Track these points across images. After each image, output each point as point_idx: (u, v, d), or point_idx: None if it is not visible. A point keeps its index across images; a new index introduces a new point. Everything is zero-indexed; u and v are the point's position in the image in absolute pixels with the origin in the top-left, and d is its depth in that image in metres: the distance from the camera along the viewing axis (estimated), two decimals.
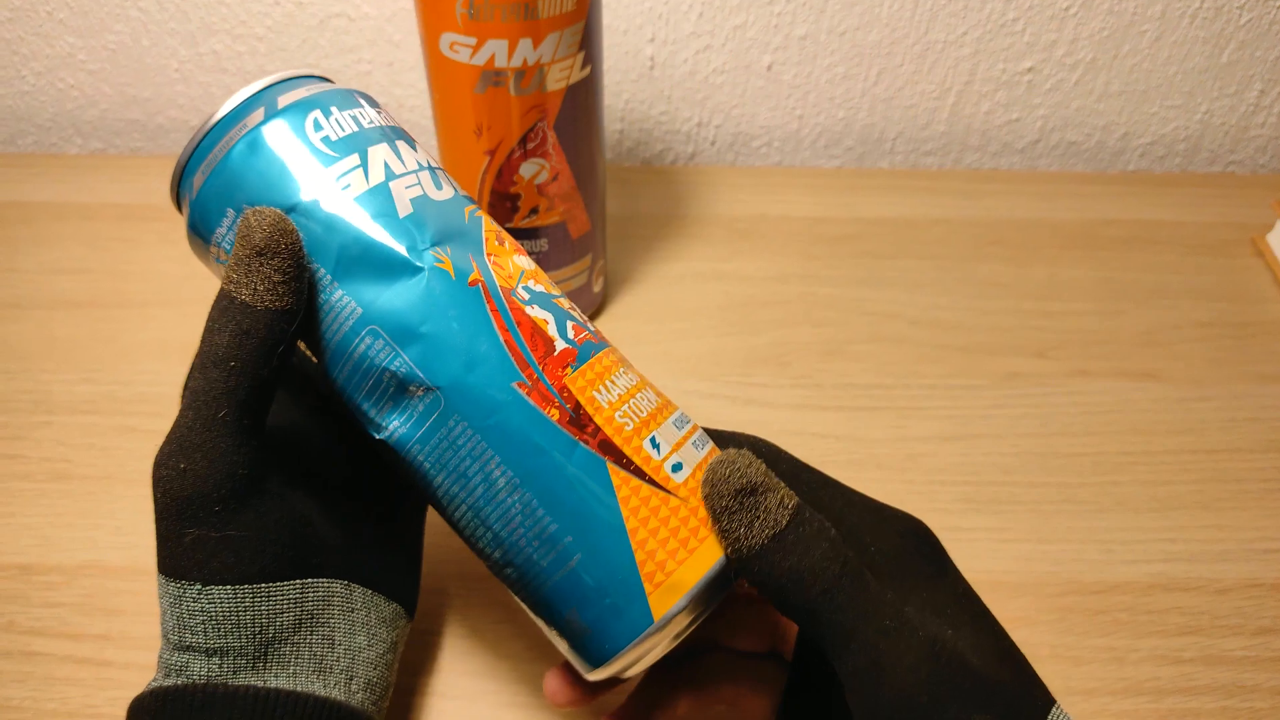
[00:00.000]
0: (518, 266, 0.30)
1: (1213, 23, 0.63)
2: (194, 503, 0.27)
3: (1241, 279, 0.58)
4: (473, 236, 0.30)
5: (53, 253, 0.58)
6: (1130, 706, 0.37)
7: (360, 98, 0.31)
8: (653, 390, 0.30)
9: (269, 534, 0.28)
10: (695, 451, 0.29)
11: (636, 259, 0.59)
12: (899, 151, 0.71)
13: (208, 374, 0.27)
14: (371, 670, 0.31)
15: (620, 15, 0.63)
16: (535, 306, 0.29)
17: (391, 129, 0.31)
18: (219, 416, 0.27)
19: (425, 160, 0.31)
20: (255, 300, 0.27)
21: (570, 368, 0.28)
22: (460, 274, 0.28)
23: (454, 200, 0.30)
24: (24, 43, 0.65)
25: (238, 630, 0.28)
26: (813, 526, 0.26)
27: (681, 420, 0.30)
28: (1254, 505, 0.45)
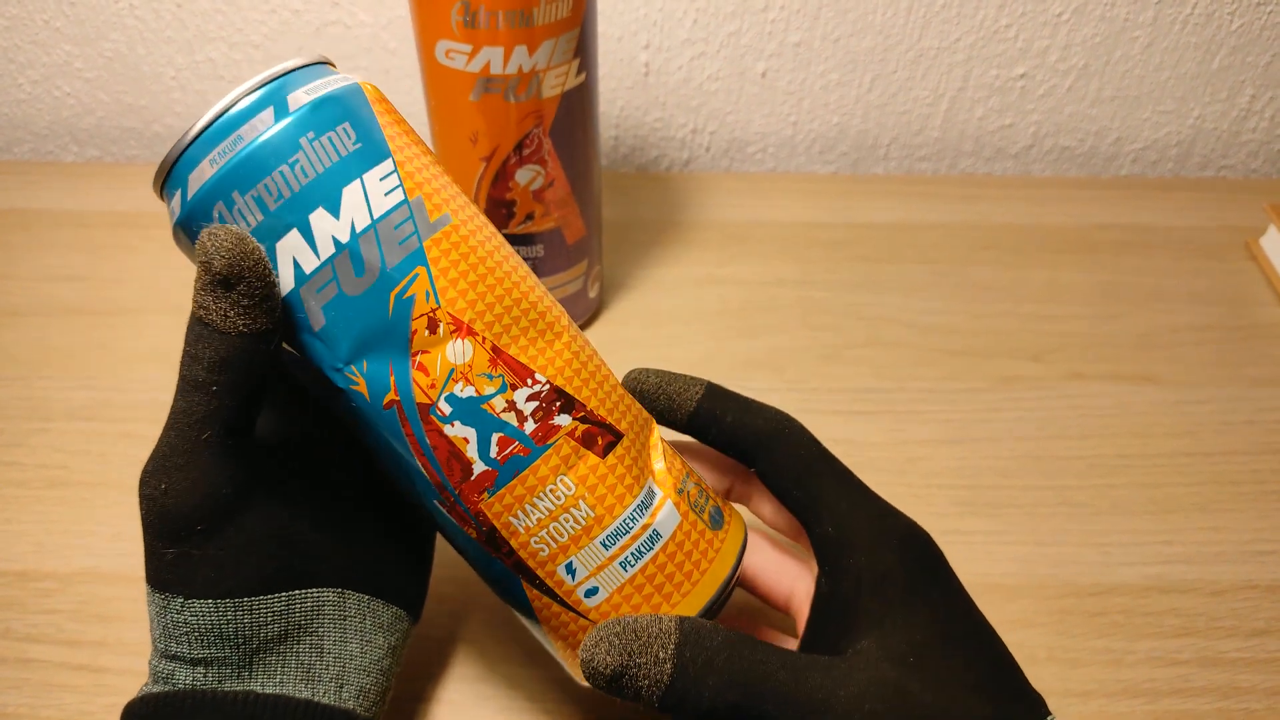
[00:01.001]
0: (448, 363, 0.27)
1: (1204, 28, 0.64)
2: (176, 521, 0.27)
3: (1235, 282, 0.58)
4: (397, 334, 0.27)
5: (49, 260, 0.58)
6: (1127, 708, 0.38)
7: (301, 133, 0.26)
8: (598, 495, 0.28)
9: (253, 550, 0.28)
10: (621, 572, 0.28)
11: (632, 265, 0.59)
12: (893, 157, 0.71)
13: (189, 397, 0.27)
14: (364, 677, 0.30)
15: (615, 22, 0.63)
16: (456, 423, 0.27)
17: (325, 176, 0.26)
18: (202, 439, 0.27)
19: (368, 214, 0.27)
20: (228, 326, 0.26)
21: (487, 492, 0.27)
22: (375, 395, 0.27)
23: (378, 284, 0.26)
24: (21, 51, 0.65)
25: (221, 642, 0.28)
26: (698, 665, 0.26)
27: (622, 528, 0.28)
28: (1250, 507, 0.45)
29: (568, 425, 0.28)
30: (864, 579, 0.29)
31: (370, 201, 0.27)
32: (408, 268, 0.27)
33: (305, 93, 0.27)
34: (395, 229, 0.27)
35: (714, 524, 0.30)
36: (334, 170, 0.26)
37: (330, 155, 0.26)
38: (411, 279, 0.27)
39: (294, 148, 0.26)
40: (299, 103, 0.27)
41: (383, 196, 0.27)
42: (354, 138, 0.27)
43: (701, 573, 0.29)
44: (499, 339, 0.27)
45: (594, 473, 0.28)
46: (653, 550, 0.28)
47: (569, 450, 0.28)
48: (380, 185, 0.27)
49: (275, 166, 0.26)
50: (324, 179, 0.26)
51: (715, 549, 0.29)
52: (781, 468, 0.31)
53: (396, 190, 0.27)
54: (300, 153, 0.26)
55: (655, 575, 0.28)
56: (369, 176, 0.27)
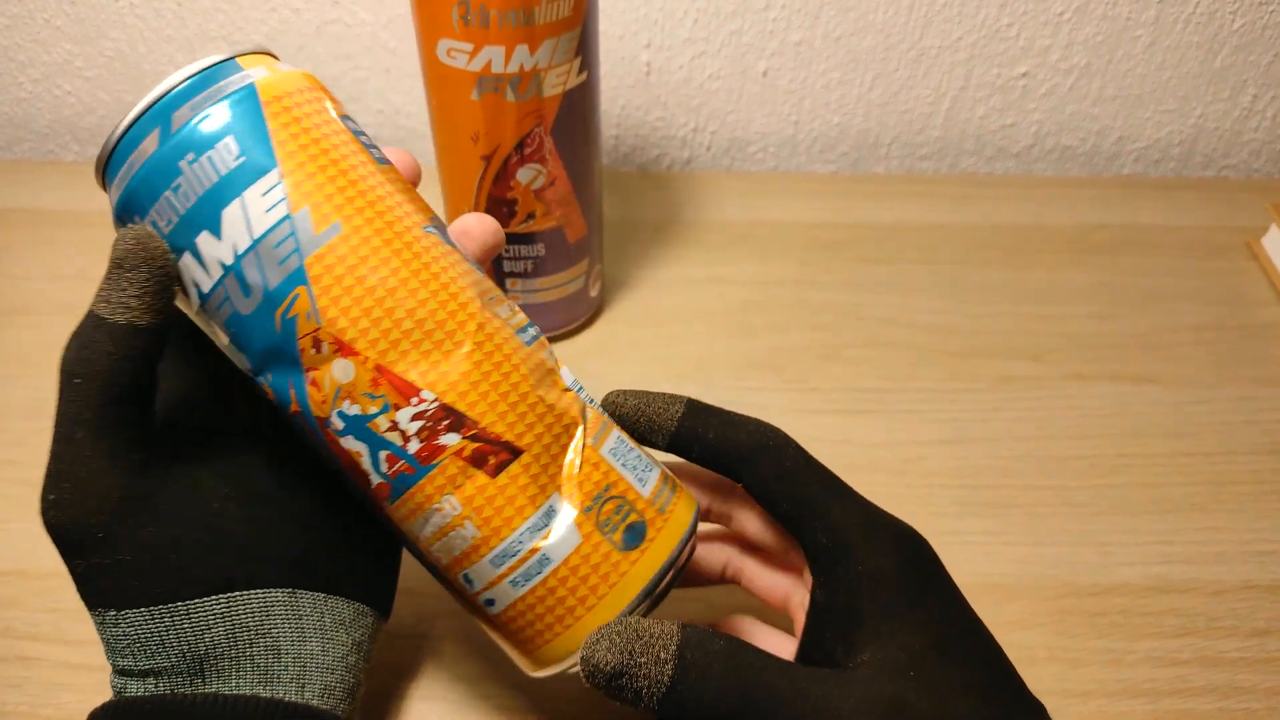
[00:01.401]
0: (334, 381, 0.27)
1: (1206, 28, 0.64)
2: (74, 533, 0.26)
3: (1237, 282, 0.58)
4: (289, 351, 0.27)
5: (50, 259, 0.58)
6: (1127, 708, 0.38)
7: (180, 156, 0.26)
8: (485, 516, 0.27)
9: (174, 552, 0.27)
10: (511, 590, 0.28)
11: (633, 264, 0.59)
12: (894, 156, 0.71)
13: (62, 395, 0.26)
14: (328, 675, 0.30)
15: (616, 21, 0.63)
16: (349, 438, 0.27)
17: (206, 198, 0.26)
18: (76, 438, 0.26)
19: (248, 234, 0.26)
20: (106, 312, 0.26)
21: (387, 501, 0.28)
22: (282, 405, 0.28)
23: (264, 304, 0.26)
24: (21, 50, 0.65)
25: (164, 650, 0.27)
26: (699, 667, 0.26)
27: (510, 550, 0.27)
28: (1250, 508, 0.45)
29: (455, 444, 0.27)
30: (859, 588, 0.28)
31: (250, 221, 0.26)
32: (289, 288, 0.26)
33: (190, 109, 0.26)
34: (275, 248, 0.26)
35: (626, 544, 0.28)
36: (214, 191, 0.26)
37: (210, 175, 0.26)
38: (293, 299, 0.26)
39: (175, 172, 0.26)
40: (181, 121, 0.26)
41: (263, 214, 0.26)
42: (235, 153, 0.26)
43: (599, 597, 0.28)
44: (384, 356, 0.26)
45: (482, 493, 0.27)
46: (542, 573, 0.27)
47: (455, 470, 0.27)
48: (262, 201, 0.26)
49: (161, 192, 0.26)
50: (204, 201, 0.26)
51: (620, 572, 0.28)
52: (768, 480, 0.31)
53: (279, 205, 0.26)
54: (181, 176, 0.26)
55: (546, 597, 0.28)
56: (250, 193, 0.26)
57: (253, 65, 0.28)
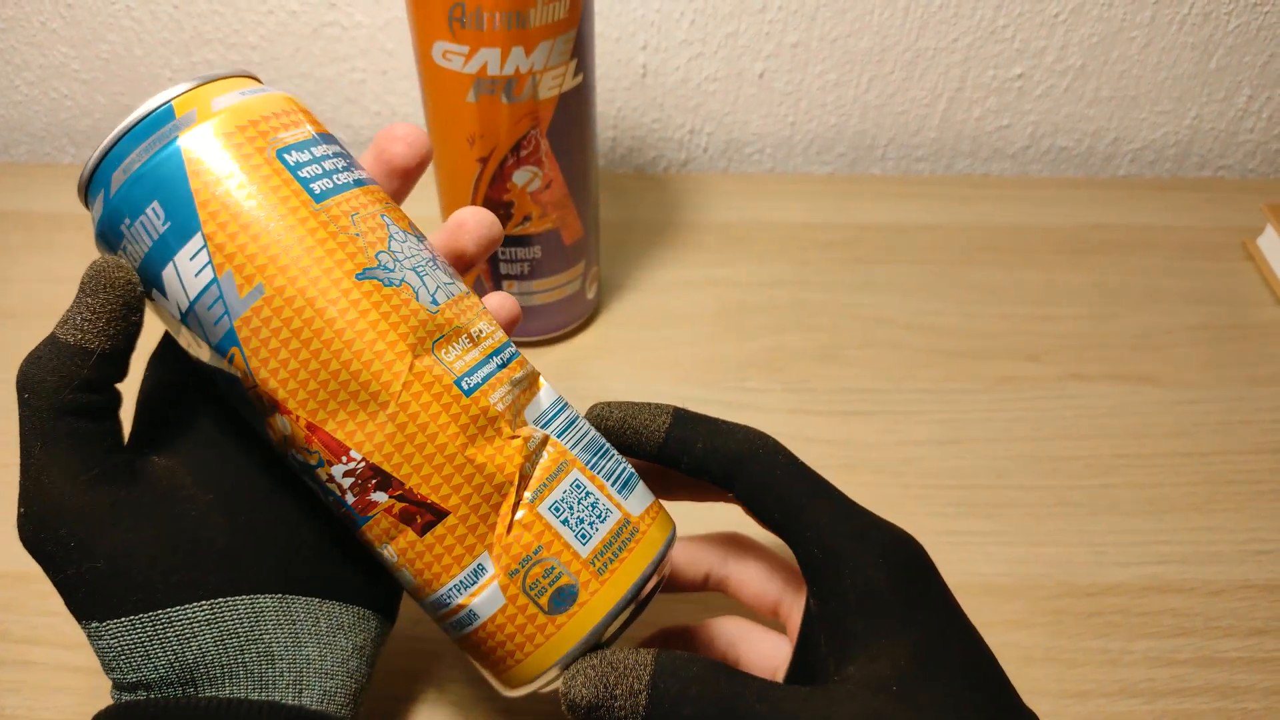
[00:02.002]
0: (279, 432, 0.28)
1: (1201, 29, 0.64)
2: (46, 545, 0.27)
3: (1232, 282, 0.58)
4: (243, 399, 0.28)
5: (48, 262, 0.58)
6: (1125, 708, 0.38)
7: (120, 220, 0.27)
8: (417, 569, 0.28)
9: (146, 559, 0.27)
10: (451, 632, 0.29)
11: (630, 266, 0.59)
12: (891, 158, 0.71)
13: (19, 410, 0.27)
14: (328, 680, 0.30)
15: (612, 23, 0.63)
16: (305, 478, 0.29)
17: (146, 263, 0.27)
18: (34, 453, 0.27)
19: (185, 296, 0.27)
20: (61, 331, 0.27)
21: (350, 530, 0.29)
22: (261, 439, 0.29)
23: (213, 356, 0.27)
24: (17, 52, 0.65)
25: (149, 661, 0.27)
26: (672, 694, 0.26)
27: (441, 601, 0.28)
28: (1247, 507, 0.45)
29: (384, 502, 0.27)
30: (850, 600, 0.28)
31: (184, 285, 0.26)
32: (226, 346, 0.27)
33: (123, 170, 0.27)
34: (209, 310, 0.27)
35: (553, 608, 0.28)
36: (151, 254, 0.27)
37: (146, 239, 0.26)
38: (230, 358, 0.27)
39: (118, 235, 0.27)
40: (117, 184, 0.27)
41: (193, 277, 0.26)
42: (162, 217, 0.26)
43: (525, 654, 0.28)
44: (314, 415, 0.27)
45: (412, 548, 0.28)
46: (471, 626, 0.28)
47: (388, 524, 0.28)
48: (190, 265, 0.26)
49: (115, 249, 0.27)
50: (147, 264, 0.27)
51: (546, 634, 0.28)
52: (759, 490, 0.30)
53: (205, 269, 0.26)
54: (124, 240, 0.27)
55: (478, 646, 0.29)
56: (180, 257, 0.26)
57: (192, 105, 0.27)
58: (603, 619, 0.28)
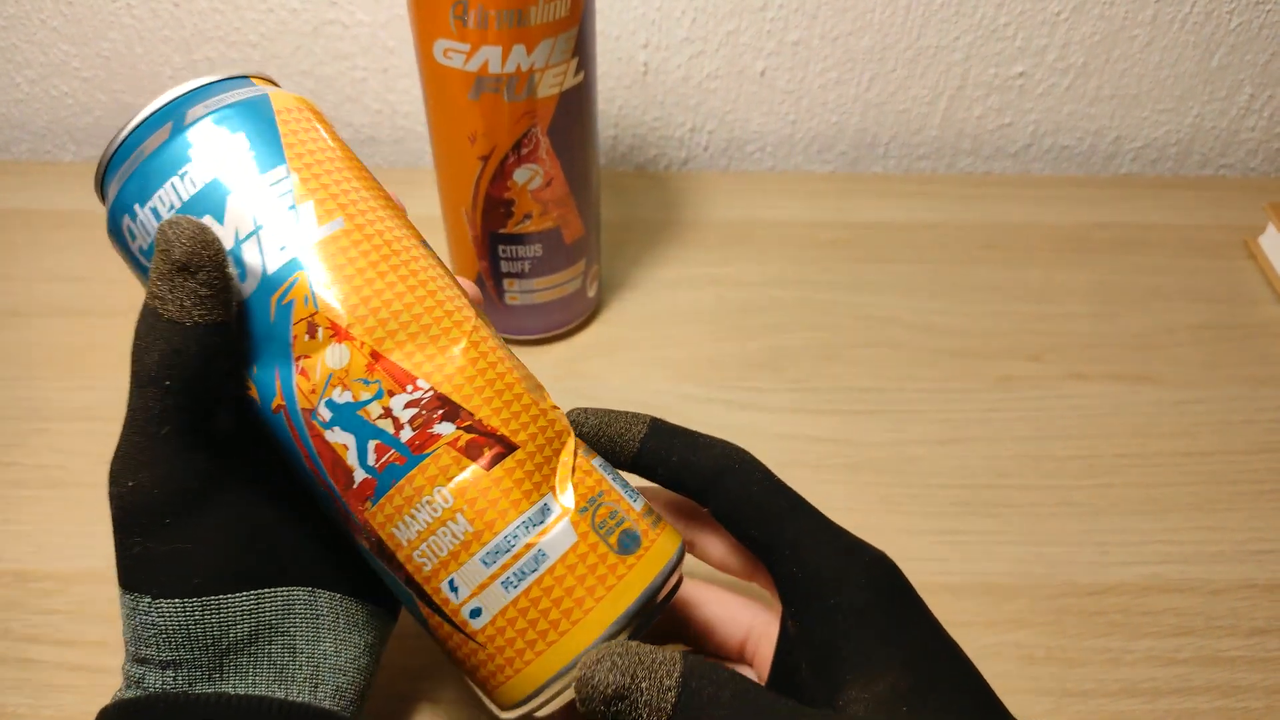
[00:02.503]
0: (326, 368, 0.27)
1: (1203, 27, 0.64)
2: (143, 517, 0.27)
3: (1234, 281, 0.58)
4: (281, 339, 0.27)
5: (49, 260, 0.58)
6: (1126, 707, 0.38)
7: (191, 145, 0.27)
8: (478, 509, 0.27)
9: (220, 546, 0.28)
10: (503, 592, 0.26)
11: (631, 264, 0.59)
12: (892, 156, 0.71)
13: (145, 393, 0.26)
14: (340, 676, 0.30)
15: (613, 21, 0.63)
16: (336, 429, 0.27)
17: (212, 186, 0.27)
18: (161, 434, 0.27)
19: (252, 220, 0.27)
20: (183, 316, 0.26)
21: (370, 501, 0.27)
22: (265, 400, 0.27)
23: (261, 289, 0.27)
24: (18, 50, 0.65)
25: (189, 643, 0.27)
26: (703, 696, 0.24)
27: (504, 545, 0.27)
28: (1248, 507, 0.45)
29: (449, 434, 0.27)
30: (837, 620, 0.28)
31: (255, 208, 0.27)
32: (287, 273, 0.27)
33: (204, 107, 0.28)
34: (277, 234, 0.27)
35: (622, 548, 0.28)
36: (221, 180, 0.27)
37: (219, 165, 0.27)
38: (291, 284, 0.27)
39: (183, 159, 0.27)
40: (195, 116, 0.27)
41: (269, 203, 0.27)
42: (246, 147, 0.27)
43: (597, 599, 0.27)
44: (380, 344, 0.27)
45: (475, 485, 0.27)
46: (537, 572, 0.26)
47: (449, 460, 0.27)
48: (269, 190, 0.27)
49: (168, 178, 0.27)
50: (210, 189, 0.27)
51: (618, 575, 0.27)
52: (736, 505, 0.30)
53: (286, 195, 0.27)
54: (190, 164, 0.27)
55: (541, 599, 0.27)
56: (258, 183, 0.27)
57: (261, 83, 0.30)
58: (665, 565, 0.28)
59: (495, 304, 0.51)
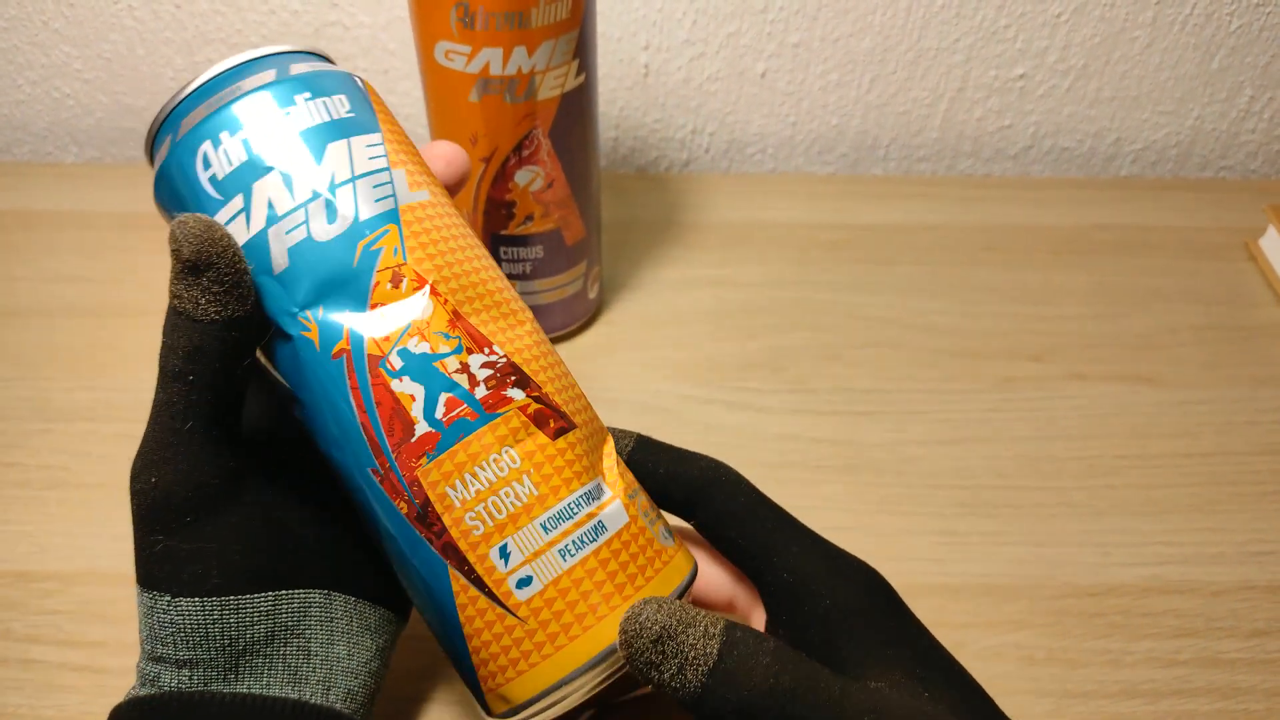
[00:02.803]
0: (407, 318, 0.27)
1: (1203, 29, 0.64)
2: (165, 514, 0.27)
3: (1235, 282, 0.58)
4: (359, 284, 0.27)
5: (50, 261, 0.58)
6: (1127, 709, 0.38)
7: (298, 91, 0.28)
8: (544, 474, 0.27)
9: (241, 547, 0.28)
10: (559, 561, 0.26)
11: (632, 265, 0.59)
12: (892, 158, 0.71)
13: (169, 388, 0.27)
14: (352, 679, 0.30)
15: (614, 23, 0.63)
16: (405, 379, 0.26)
17: (315, 130, 0.28)
18: (185, 430, 0.27)
19: (350, 169, 0.28)
20: (200, 314, 0.26)
21: (427, 457, 0.26)
22: (326, 343, 0.27)
23: (348, 233, 0.27)
24: (20, 52, 0.65)
25: (206, 642, 0.27)
26: (747, 646, 0.25)
27: (566, 512, 0.27)
28: (1249, 508, 0.45)
29: (520, 400, 0.27)
30: (832, 624, 0.28)
31: (354, 159, 0.28)
32: (380, 223, 0.27)
33: (307, 65, 0.29)
34: (374, 187, 0.28)
35: (664, 538, 0.29)
36: (323, 127, 0.28)
37: (322, 114, 0.28)
38: (382, 233, 0.27)
39: (289, 101, 0.28)
40: (299, 71, 0.29)
41: (367, 160, 0.28)
42: (348, 108, 0.29)
43: (647, 579, 0.27)
44: (461, 306, 0.28)
45: (542, 451, 0.27)
46: (596, 541, 0.27)
47: (519, 424, 0.27)
48: (366, 150, 0.28)
49: (268, 115, 0.27)
50: (313, 132, 0.28)
51: (664, 560, 0.28)
52: (722, 516, 0.30)
53: (380, 158, 0.28)
54: (294, 107, 0.28)
55: (596, 571, 0.26)
56: (356, 141, 0.28)
57: None
58: (692, 569, 0.30)
59: None
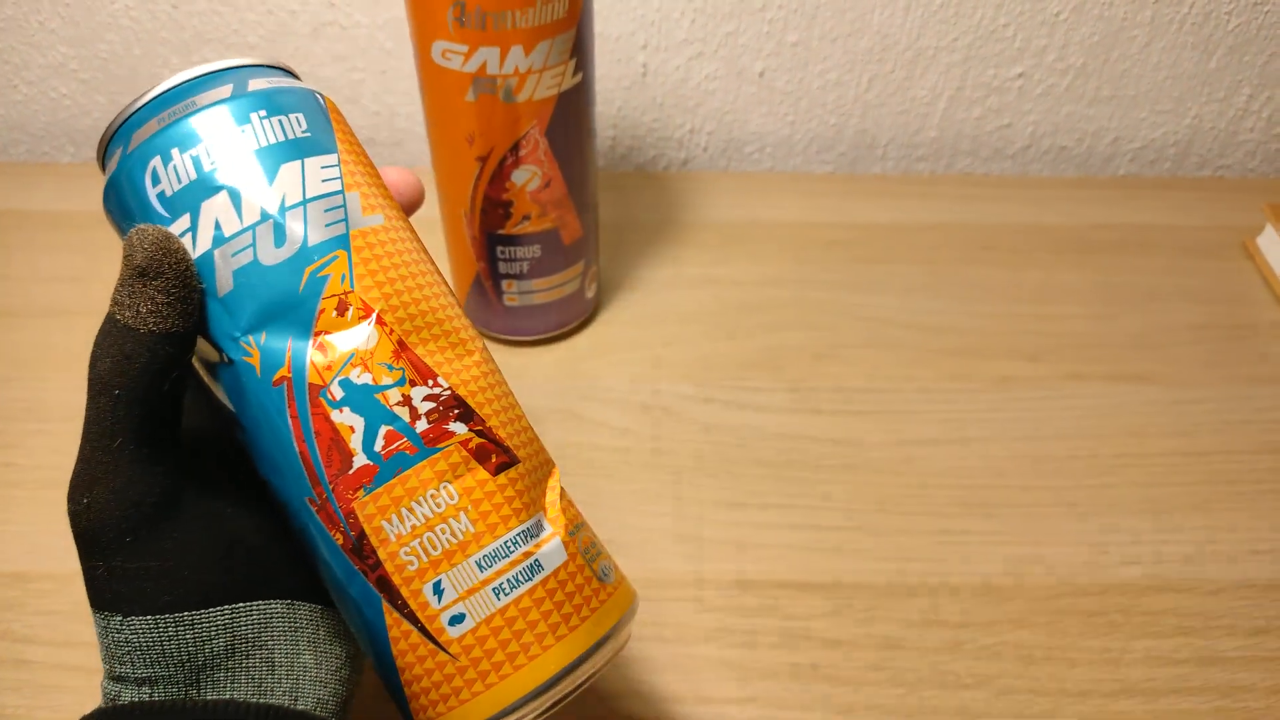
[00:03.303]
0: (349, 348, 0.26)
1: (1201, 28, 0.64)
2: (104, 535, 0.26)
3: (1232, 281, 0.58)
4: (304, 310, 0.26)
5: (46, 261, 0.58)
6: (1125, 708, 0.38)
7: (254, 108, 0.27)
8: (482, 510, 0.27)
9: (191, 562, 0.27)
10: (493, 599, 0.26)
11: (630, 265, 0.59)
12: (891, 157, 0.71)
13: (97, 403, 0.26)
14: (321, 688, 0.29)
15: (612, 22, 0.63)
16: (345, 409, 0.26)
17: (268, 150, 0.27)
18: (114, 446, 0.26)
19: (301, 192, 0.27)
20: (138, 323, 0.26)
21: (364, 489, 0.26)
22: (267, 370, 0.26)
23: (296, 257, 0.27)
24: (16, 52, 0.65)
25: (164, 659, 0.27)
26: None
27: (502, 551, 0.26)
28: (1247, 506, 0.45)
29: (462, 434, 0.27)
30: None
31: (306, 182, 0.27)
32: (329, 249, 0.27)
33: (266, 81, 0.28)
34: (325, 211, 0.27)
35: (602, 576, 0.28)
36: (277, 147, 0.27)
37: (276, 134, 0.27)
38: (330, 259, 0.27)
39: (243, 119, 0.27)
40: (257, 86, 0.28)
41: (320, 182, 0.27)
42: (304, 127, 0.28)
43: (582, 619, 0.27)
44: (407, 336, 0.27)
45: (481, 488, 0.27)
46: (531, 581, 0.26)
47: (459, 459, 0.27)
48: (320, 172, 0.28)
49: (221, 132, 0.27)
50: (265, 152, 0.27)
51: (601, 599, 0.28)
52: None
53: (334, 180, 0.28)
54: (249, 125, 0.27)
55: (530, 610, 0.26)
56: (310, 162, 0.28)
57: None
58: (631, 605, 0.29)
59: (493, 305, 0.51)
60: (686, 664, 0.39)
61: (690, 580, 0.42)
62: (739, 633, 0.40)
